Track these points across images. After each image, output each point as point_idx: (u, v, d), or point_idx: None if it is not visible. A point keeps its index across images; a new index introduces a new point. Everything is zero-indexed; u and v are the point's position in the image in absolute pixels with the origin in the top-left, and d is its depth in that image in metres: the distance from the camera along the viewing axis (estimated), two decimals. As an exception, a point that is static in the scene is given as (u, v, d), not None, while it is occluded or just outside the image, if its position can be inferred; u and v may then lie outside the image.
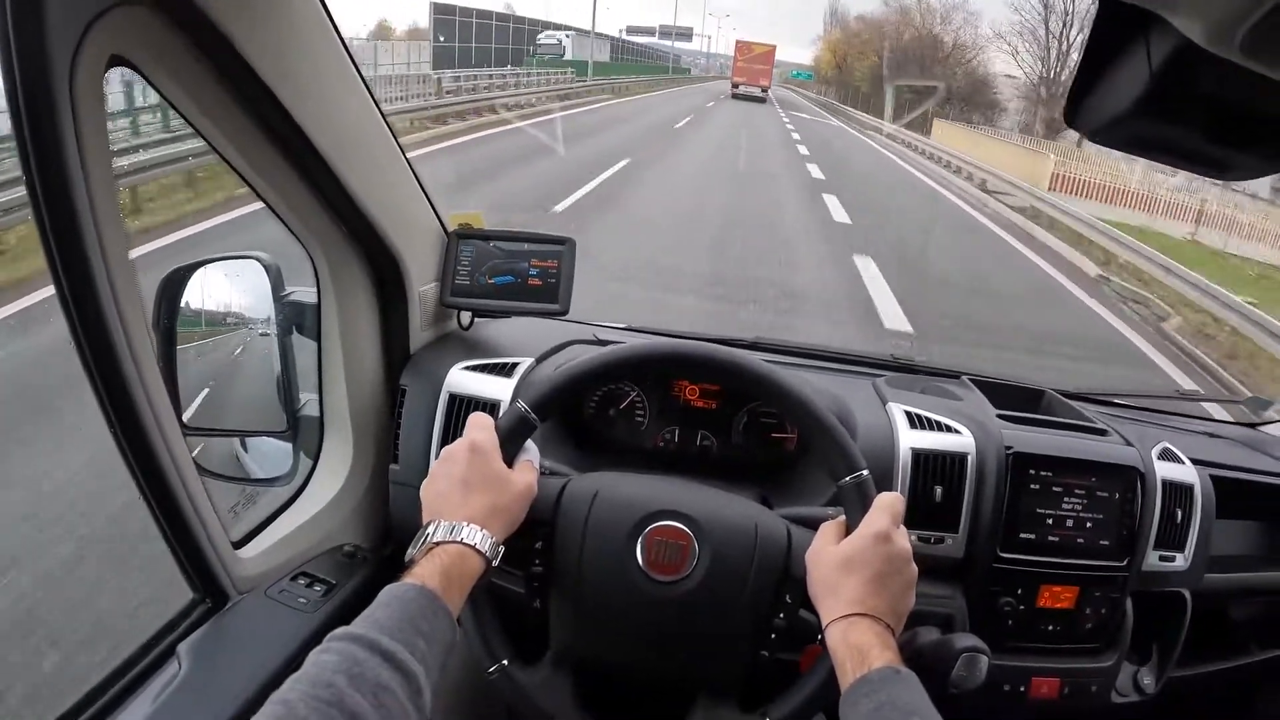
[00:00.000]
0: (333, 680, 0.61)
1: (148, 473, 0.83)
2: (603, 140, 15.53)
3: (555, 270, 1.23)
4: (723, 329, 1.39)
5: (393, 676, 0.64)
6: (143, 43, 0.73)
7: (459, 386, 1.13)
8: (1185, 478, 1.17)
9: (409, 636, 0.67)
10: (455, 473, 0.83)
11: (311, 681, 0.61)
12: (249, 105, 0.85)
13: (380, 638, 0.65)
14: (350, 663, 0.63)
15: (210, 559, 0.92)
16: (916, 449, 1.08)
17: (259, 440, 1.20)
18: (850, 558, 0.81)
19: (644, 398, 1.25)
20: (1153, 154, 0.55)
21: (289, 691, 0.60)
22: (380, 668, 0.63)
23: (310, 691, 0.60)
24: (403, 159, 1.11)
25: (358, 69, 0.97)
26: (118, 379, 0.77)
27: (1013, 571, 1.08)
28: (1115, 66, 0.48)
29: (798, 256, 7.92)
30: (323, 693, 0.60)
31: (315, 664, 0.63)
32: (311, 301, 1.11)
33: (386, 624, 0.68)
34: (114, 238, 0.73)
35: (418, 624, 0.69)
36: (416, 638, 0.68)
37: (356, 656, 0.63)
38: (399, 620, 0.68)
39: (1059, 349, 6.00)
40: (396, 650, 0.65)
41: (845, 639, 0.77)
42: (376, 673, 0.63)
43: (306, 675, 0.62)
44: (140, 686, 0.87)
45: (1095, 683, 1.14)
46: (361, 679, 0.62)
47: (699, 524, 0.89)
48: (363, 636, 0.65)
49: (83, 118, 0.67)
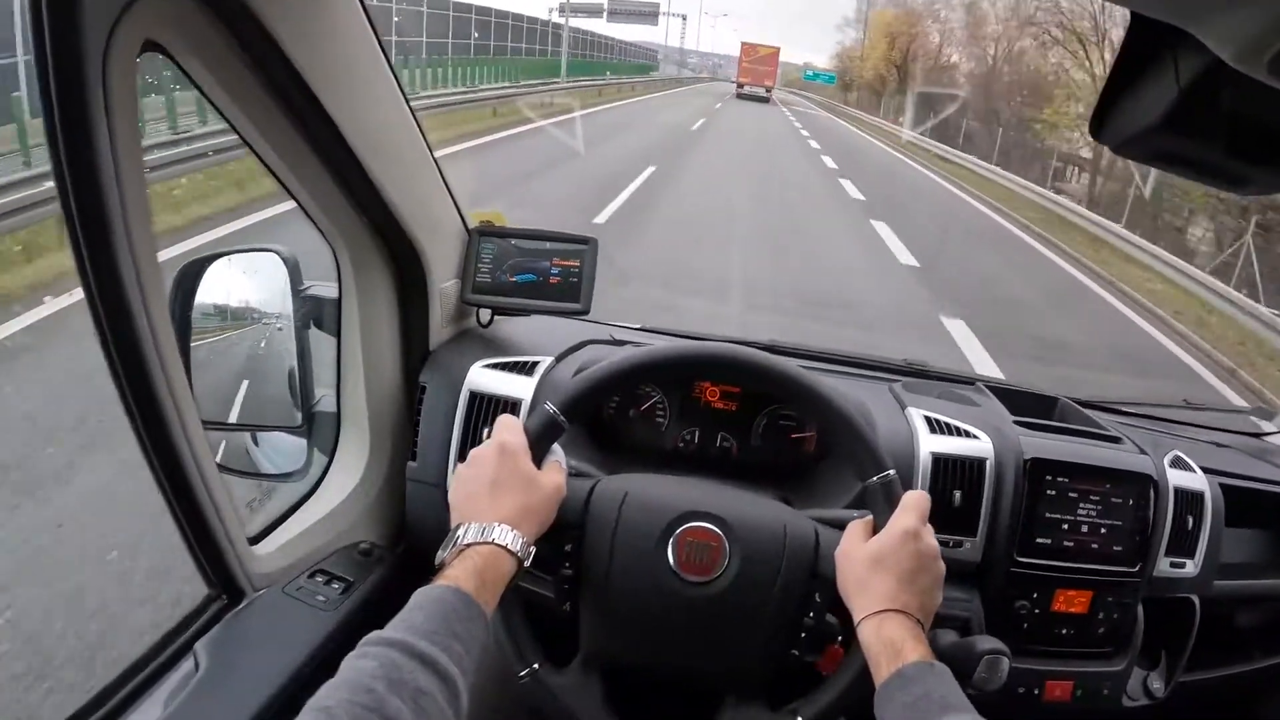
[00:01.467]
0: (372, 686, 0.61)
1: (168, 467, 0.83)
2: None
3: (577, 269, 1.23)
4: (734, 332, 1.39)
5: (431, 681, 0.63)
6: (177, 28, 0.73)
7: (479, 384, 1.13)
8: (1196, 486, 1.19)
9: (445, 640, 0.67)
10: (485, 474, 0.83)
11: (351, 688, 0.61)
12: (280, 96, 0.84)
13: (418, 642, 0.65)
14: (389, 668, 0.62)
15: (227, 555, 0.92)
16: (936, 454, 1.10)
17: (271, 435, 1.20)
18: (880, 555, 0.82)
19: (665, 399, 1.25)
20: (1175, 168, 0.56)
21: (328, 698, 0.60)
22: (419, 672, 0.63)
23: (350, 698, 0.60)
24: (429, 156, 1.11)
25: (391, 65, 0.97)
26: (141, 372, 0.76)
27: (1029, 576, 1.10)
28: (1144, 82, 0.50)
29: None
30: (363, 698, 0.59)
31: (353, 669, 0.63)
32: (329, 296, 1.11)
33: (423, 628, 0.67)
34: (141, 230, 0.72)
35: (453, 627, 0.69)
36: (453, 641, 0.68)
37: (395, 661, 0.63)
38: (435, 624, 0.68)
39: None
40: (435, 654, 0.65)
41: (879, 634, 0.78)
42: (415, 678, 0.63)
43: (345, 681, 0.62)
44: (156, 683, 0.86)
45: (1107, 686, 1.16)
46: (401, 684, 0.62)
47: (730, 525, 0.90)
48: (400, 641, 0.65)
49: (115, 102, 0.67)
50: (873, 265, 8.31)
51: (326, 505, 1.10)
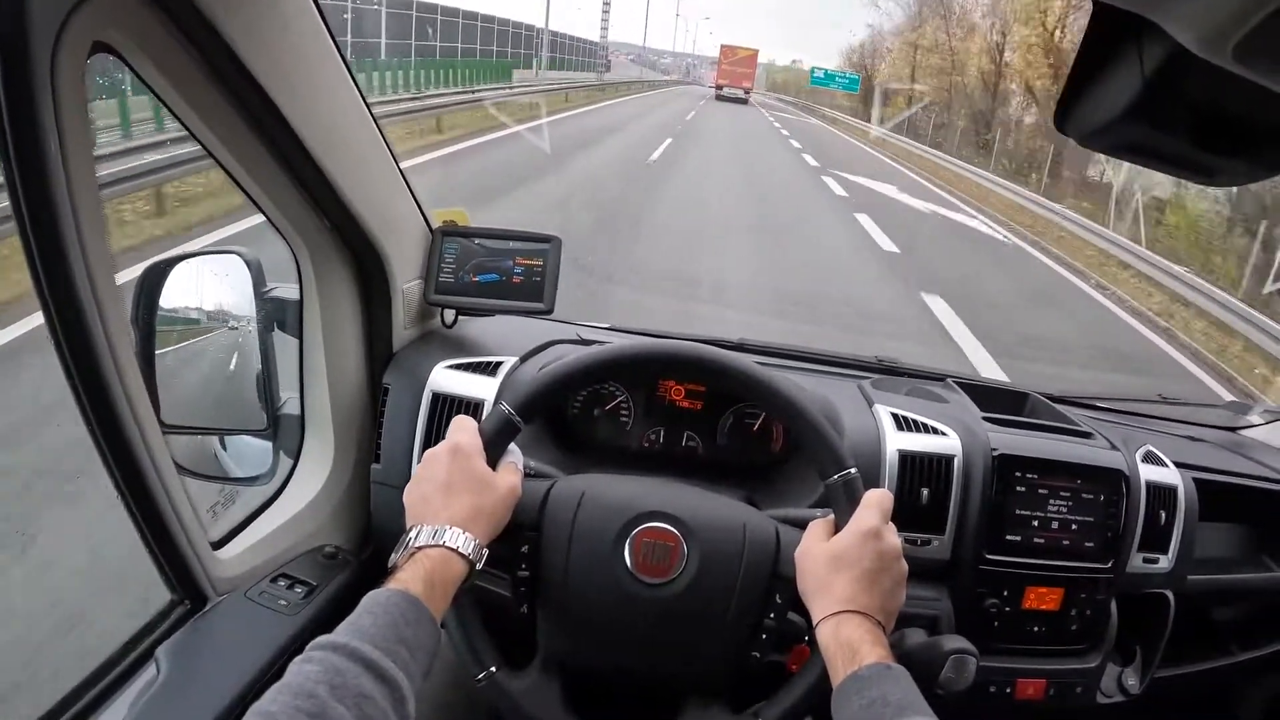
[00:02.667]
0: (315, 691, 0.61)
1: (126, 471, 0.82)
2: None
3: (540, 269, 1.23)
4: (706, 330, 1.38)
5: (375, 686, 0.64)
6: (128, 29, 0.73)
7: (442, 385, 1.13)
8: (1169, 480, 1.19)
9: (391, 644, 0.68)
10: (438, 476, 0.83)
11: (294, 692, 0.61)
12: (235, 97, 0.84)
13: (362, 646, 0.66)
14: (332, 673, 0.63)
15: (189, 560, 0.92)
16: (903, 451, 1.10)
17: (238, 439, 1.20)
18: (840, 555, 0.82)
19: (629, 398, 1.26)
20: (1141, 159, 0.55)
21: (271, 703, 0.61)
22: (362, 677, 0.64)
23: (293, 703, 0.60)
24: (389, 155, 1.11)
25: (346, 63, 0.97)
26: (96, 375, 0.76)
27: (999, 573, 1.10)
28: (1107, 72, 0.49)
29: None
30: (305, 704, 0.60)
31: (298, 674, 0.64)
32: (293, 298, 1.11)
33: (369, 632, 0.68)
34: (94, 232, 0.72)
35: (400, 631, 0.69)
36: (399, 645, 0.68)
37: (338, 666, 0.64)
38: (381, 628, 0.69)
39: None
40: (378, 659, 0.66)
41: (836, 636, 0.78)
42: (359, 683, 0.63)
43: (289, 685, 0.62)
44: (119, 689, 0.86)
45: (1080, 683, 1.17)
46: (344, 689, 0.62)
47: (687, 525, 0.90)
48: (345, 645, 0.66)
49: (64, 105, 0.67)
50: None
51: (291, 508, 1.10)
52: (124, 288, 0.82)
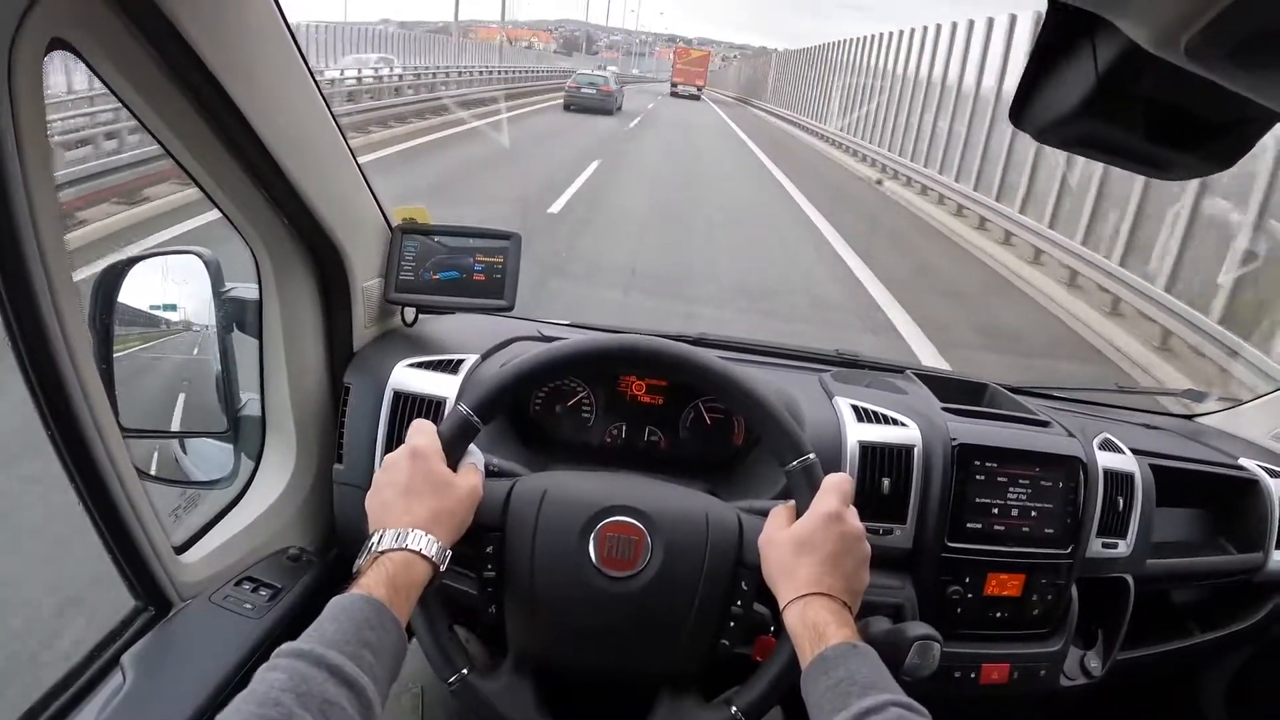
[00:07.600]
0: (280, 699, 0.62)
1: (86, 476, 0.83)
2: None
3: (501, 266, 1.25)
4: (666, 325, 1.42)
5: (340, 692, 0.65)
6: (86, 26, 0.74)
7: (403, 384, 1.15)
8: (1126, 467, 1.25)
9: (356, 649, 0.69)
10: (398, 480, 0.85)
11: (260, 700, 0.63)
12: (193, 94, 0.86)
13: (327, 652, 0.67)
14: (297, 680, 0.64)
15: (152, 565, 0.93)
16: (864, 442, 1.14)
17: (199, 442, 1.21)
18: (803, 539, 0.85)
19: (591, 394, 1.28)
20: (1095, 153, 0.58)
21: (235, 713, 0.62)
22: (327, 683, 0.65)
23: (258, 711, 0.61)
24: (348, 153, 1.12)
25: (305, 61, 0.99)
26: (54, 378, 0.77)
27: (961, 560, 1.15)
28: (1062, 68, 0.52)
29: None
30: (271, 712, 0.61)
31: (263, 681, 0.65)
32: (253, 298, 1.12)
33: (333, 638, 0.69)
34: (51, 232, 0.73)
35: (364, 636, 0.71)
36: (363, 650, 0.70)
37: (304, 673, 0.65)
38: (345, 633, 0.70)
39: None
40: (343, 664, 0.67)
41: (802, 618, 0.81)
42: (324, 689, 0.65)
43: (254, 694, 0.64)
44: (85, 699, 0.87)
45: (1044, 667, 1.22)
46: (309, 696, 0.64)
47: (650, 518, 0.93)
48: (309, 652, 0.67)
49: (21, 102, 0.68)
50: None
51: (254, 511, 1.12)
52: (81, 286, 0.83)
